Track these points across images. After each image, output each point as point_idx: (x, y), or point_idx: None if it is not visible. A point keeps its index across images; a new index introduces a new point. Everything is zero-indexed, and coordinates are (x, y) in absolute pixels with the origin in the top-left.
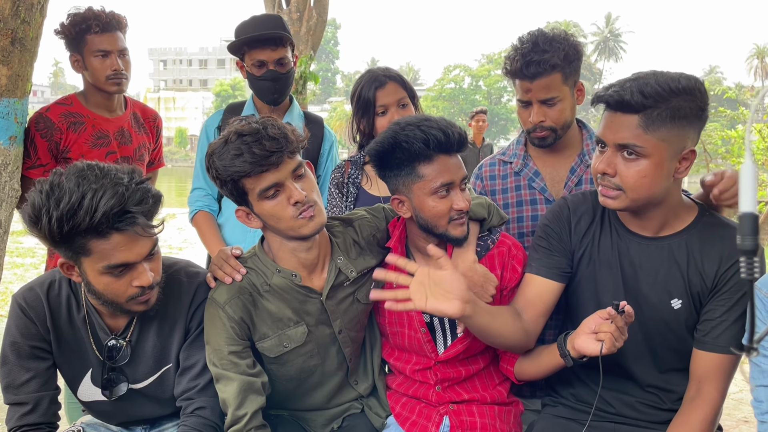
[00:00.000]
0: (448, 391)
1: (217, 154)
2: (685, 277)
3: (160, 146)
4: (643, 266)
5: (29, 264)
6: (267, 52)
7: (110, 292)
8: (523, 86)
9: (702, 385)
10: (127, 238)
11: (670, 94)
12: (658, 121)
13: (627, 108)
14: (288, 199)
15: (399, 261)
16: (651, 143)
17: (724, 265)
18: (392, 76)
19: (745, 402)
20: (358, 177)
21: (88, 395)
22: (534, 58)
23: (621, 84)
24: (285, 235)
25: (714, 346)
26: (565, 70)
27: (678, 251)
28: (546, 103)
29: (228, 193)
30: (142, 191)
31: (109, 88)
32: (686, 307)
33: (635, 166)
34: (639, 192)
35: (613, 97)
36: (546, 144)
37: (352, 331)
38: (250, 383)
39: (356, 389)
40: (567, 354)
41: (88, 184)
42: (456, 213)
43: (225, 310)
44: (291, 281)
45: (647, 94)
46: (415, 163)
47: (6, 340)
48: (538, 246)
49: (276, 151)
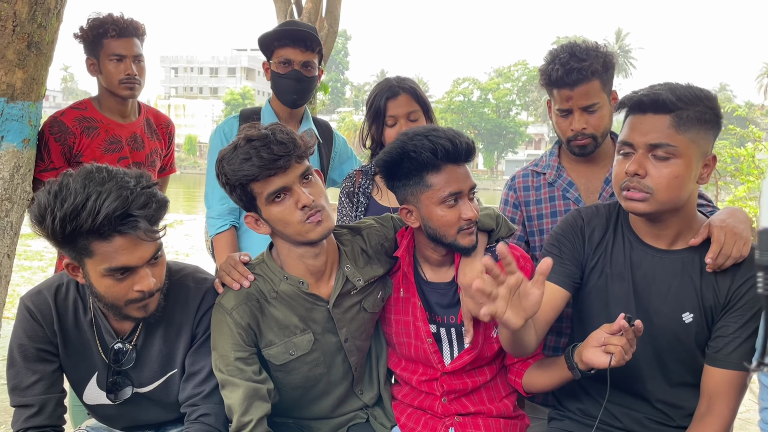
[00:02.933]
0: (454, 402)
1: (226, 159)
2: (698, 291)
3: (172, 152)
4: (656, 278)
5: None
6: (296, 52)
7: (111, 295)
8: (564, 94)
9: (713, 402)
10: (129, 242)
11: (696, 99)
12: (689, 122)
13: (660, 108)
14: (296, 203)
15: (507, 258)
16: (683, 143)
17: (738, 281)
18: (406, 88)
19: (753, 422)
20: (369, 187)
21: (93, 399)
22: (574, 65)
23: (651, 88)
24: (293, 240)
25: (726, 362)
26: (603, 78)
27: (691, 265)
28: (587, 110)
29: (237, 198)
30: (146, 195)
31: (122, 92)
32: (697, 322)
33: (667, 166)
34: (669, 193)
35: (649, 97)
36: (587, 152)
37: (358, 340)
38: (255, 390)
39: (361, 399)
40: (575, 366)
41: (94, 186)
42: (465, 222)
43: (232, 316)
44: (298, 288)
45: (679, 96)
46: (423, 172)
47: (13, 343)
48: (550, 253)
49: (284, 155)
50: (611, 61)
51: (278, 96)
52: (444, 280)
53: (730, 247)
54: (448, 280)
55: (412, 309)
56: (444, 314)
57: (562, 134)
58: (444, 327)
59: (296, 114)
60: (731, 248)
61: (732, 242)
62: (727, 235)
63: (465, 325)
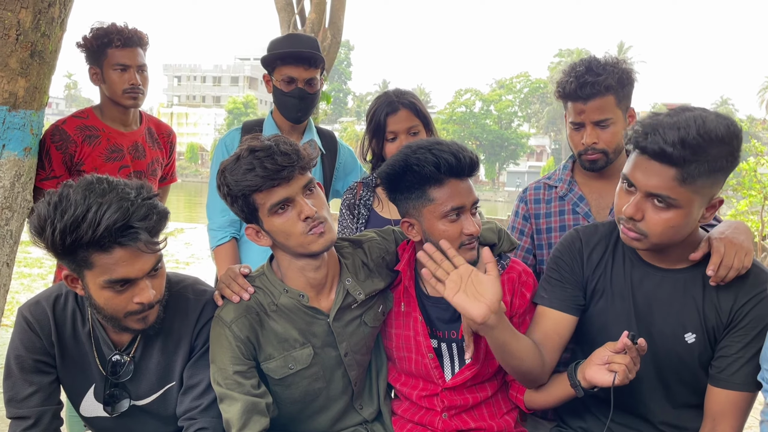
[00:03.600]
0: (454, 419)
1: (228, 170)
2: (700, 310)
3: (173, 162)
4: (657, 298)
5: (36, 274)
6: (299, 70)
7: (110, 307)
8: (577, 108)
9: (717, 423)
10: (129, 254)
11: (710, 145)
12: (695, 175)
13: (665, 160)
14: (298, 214)
15: (450, 251)
16: (685, 196)
17: (741, 300)
18: (405, 103)
19: None
20: (370, 199)
21: (90, 411)
22: (588, 79)
23: (660, 130)
24: (294, 252)
25: (730, 383)
26: (619, 94)
27: (693, 284)
28: (599, 124)
29: (238, 209)
30: (147, 207)
31: (125, 101)
32: (700, 342)
33: (664, 215)
34: (663, 238)
35: (653, 149)
36: (597, 167)
37: (358, 354)
38: (254, 404)
39: (361, 414)
40: (578, 384)
41: (95, 197)
42: (466, 237)
43: (231, 329)
44: (298, 301)
45: (688, 145)
46: (425, 186)
47: (10, 354)
48: (551, 278)
49: (287, 166)
50: (629, 77)
51: (281, 112)
52: None
53: (731, 258)
54: None
55: (413, 323)
56: (445, 329)
57: (574, 147)
58: (445, 342)
59: (299, 126)
60: (732, 259)
61: (732, 253)
62: (727, 246)
63: (465, 340)
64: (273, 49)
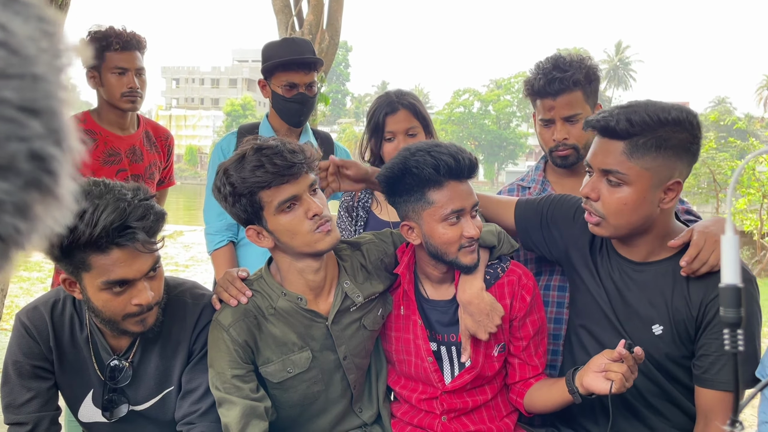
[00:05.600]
0: (454, 422)
1: (233, 168)
2: (669, 303)
3: (171, 165)
4: (629, 289)
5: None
6: (300, 76)
7: (108, 309)
8: (546, 104)
9: (709, 420)
10: (126, 254)
11: (657, 124)
12: (643, 149)
13: (613, 134)
14: (306, 212)
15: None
16: (634, 171)
17: (711, 294)
18: (405, 104)
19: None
20: (369, 201)
21: (88, 416)
22: (557, 75)
23: (611, 111)
24: (298, 252)
25: (715, 382)
26: (586, 89)
27: (663, 277)
28: (569, 120)
29: (240, 209)
30: (144, 207)
31: (124, 105)
32: (668, 333)
33: (617, 192)
34: (619, 219)
35: (600, 123)
36: (568, 163)
37: (357, 357)
38: (253, 408)
39: (360, 417)
40: (576, 391)
41: (91, 199)
42: (466, 240)
43: (229, 333)
44: (296, 305)
45: (634, 122)
46: (425, 189)
47: (8, 359)
48: (541, 211)
49: (297, 163)
50: (595, 73)
51: (282, 117)
52: (445, 298)
53: (708, 254)
54: (448, 298)
55: (413, 327)
56: (445, 332)
57: (544, 144)
58: (444, 345)
59: (296, 129)
60: (709, 255)
61: (711, 249)
62: (707, 241)
63: (462, 343)
64: (270, 55)
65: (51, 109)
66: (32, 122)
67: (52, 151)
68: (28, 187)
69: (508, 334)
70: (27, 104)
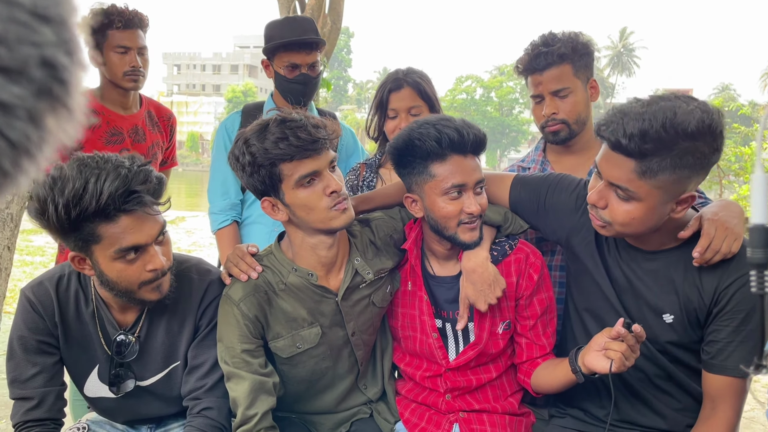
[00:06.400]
0: (458, 400)
1: (255, 137)
2: (680, 292)
3: (173, 145)
4: (639, 278)
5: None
6: (302, 56)
7: (124, 279)
8: (534, 80)
9: (716, 404)
10: (135, 220)
11: (674, 140)
12: (656, 170)
13: (623, 152)
14: (324, 188)
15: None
16: (644, 190)
17: (725, 282)
18: (410, 82)
19: (757, 420)
20: (373, 180)
21: (94, 391)
22: (543, 50)
23: (623, 119)
24: (312, 227)
25: (722, 368)
26: (575, 63)
27: (675, 266)
28: (557, 95)
29: (259, 180)
30: (144, 172)
31: (126, 84)
32: (679, 322)
33: (625, 206)
34: (627, 229)
35: (610, 139)
36: (560, 139)
37: (365, 334)
38: (261, 383)
39: (365, 394)
40: (578, 370)
41: (90, 170)
42: (466, 216)
43: (239, 308)
44: (307, 280)
45: (648, 139)
46: (428, 161)
47: (13, 334)
48: (546, 183)
49: (320, 138)
50: (586, 48)
51: (285, 97)
52: (450, 274)
53: (720, 242)
54: (454, 274)
55: (419, 303)
56: (450, 309)
57: (537, 121)
58: (450, 322)
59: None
60: (721, 243)
61: (723, 237)
62: (718, 229)
63: (460, 311)
64: (271, 34)
65: (62, 19)
66: (44, 29)
67: (64, 61)
68: (40, 95)
69: (515, 312)
70: (39, 10)
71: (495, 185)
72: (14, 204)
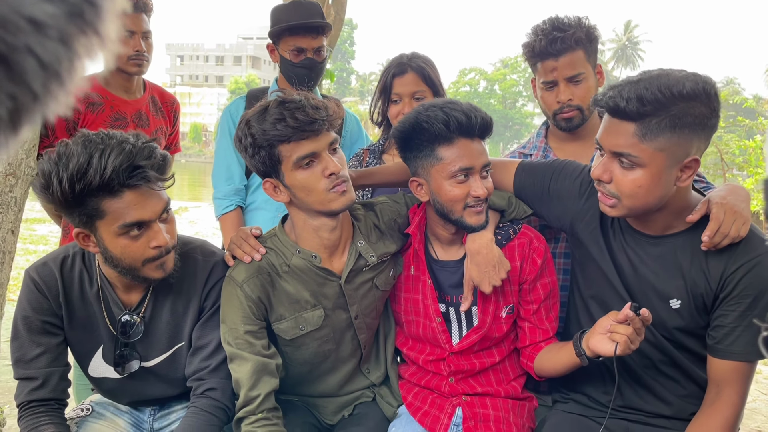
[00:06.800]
0: (461, 383)
1: (255, 119)
2: (687, 277)
3: (177, 131)
4: (645, 264)
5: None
6: (307, 40)
7: (128, 255)
8: (548, 66)
9: (721, 389)
10: (139, 196)
11: (671, 101)
12: (656, 131)
13: (623, 115)
14: (323, 170)
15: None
16: (647, 153)
17: (732, 267)
18: (414, 66)
19: (759, 411)
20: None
21: (98, 372)
22: (558, 35)
23: (621, 87)
24: (312, 209)
25: (728, 353)
26: (588, 48)
27: (681, 251)
28: (572, 80)
29: (260, 161)
30: (149, 148)
31: (130, 68)
32: (685, 307)
33: (630, 174)
34: (635, 200)
35: (609, 104)
36: (573, 125)
37: (368, 317)
38: (264, 364)
39: (368, 377)
40: (582, 353)
41: (95, 146)
42: (473, 200)
43: (243, 289)
44: (310, 262)
45: (646, 101)
46: (434, 144)
47: (18, 314)
48: (550, 169)
49: (319, 119)
50: (594, 33)
51: (290, 82)
52: (454, 258)
53: (729, 226)
54: (458, 258)
55: (422, 287)
56: (453, 293)
57: (547, 108)
58: (453, 307)
59: None
60: (730, 227)
61: (731, 221)
62: (726, 213)
63: (464, 292)
64: (277, 18)
65: None
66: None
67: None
68: (72, 16)
69: (518, 297)
70: None
71: (499, 171)
72: (18, 187)
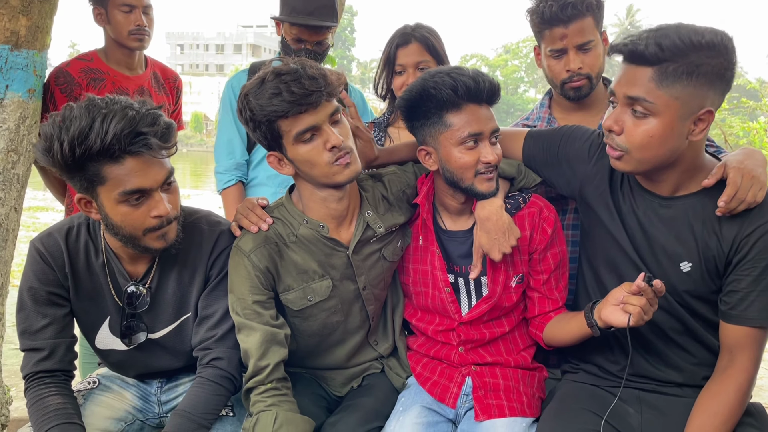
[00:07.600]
0: (471, 352)
1: (252, 93)
2: (699, 239)
3: (180, 108)
4: (655, 226)
5: None
6: (309, 34)
7: (128, 223)
8: (557, 33)
9: (734, 355)
10: (140, 163)
11: (690, 49)
12: (673, 76)
13: (641, 59)
14: (324, 143)
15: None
16: (662, 99)
17: (746, 230)
18: (418, 37)
19: (765, 389)
20: (382, 139)
21: (105, 343)
22: (569, 0)
23: (639, 34)
24: (318, 182)
25: (742, 318)
26: (597, 15)
27: (693, 212)
28: (582, 48)
29: (261, 136)
30: (153, 115)
31: (131, 43)
32: (696, 270)
33: (643, 124)
34: (644, 152)
35: (628, 47)
36: (582, 94)
37: (376, 288)
38: (273, 334)
39: (376, 349)
40: (594, 324)
41: (98, 110)
42: (483, 166)
43: (250, 259)
44: (318, 232)
45: (664, 46)
46: (443, 111)
47: (23, 286)
48: (560, 134)
49: (315, 91)
50: (601, 0)
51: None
52: (463, 229)
53: (746, 191)
54: (466, 228)
55: (431, 258)
56: (462, 264)
57: (555, 78)
58: (462, 277)
59: None
60: (747, 192)
61: (749, 186)
62: (744, 178)
63: (474, 260)
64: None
65: None
66: None
67: None
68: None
69: (528, 266)
70: None
71: (508, 140)
72: (20, 164)
